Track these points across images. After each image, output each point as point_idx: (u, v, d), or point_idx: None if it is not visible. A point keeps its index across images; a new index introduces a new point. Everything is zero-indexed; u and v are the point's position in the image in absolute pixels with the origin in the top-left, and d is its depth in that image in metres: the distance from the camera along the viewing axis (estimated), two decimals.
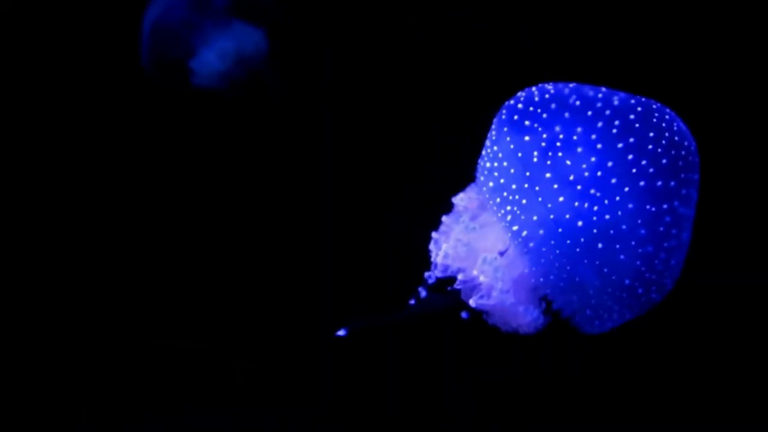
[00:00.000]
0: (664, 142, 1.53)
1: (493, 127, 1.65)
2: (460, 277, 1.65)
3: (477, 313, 1.69)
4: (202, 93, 2.51)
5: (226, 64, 2.47)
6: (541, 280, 1.59)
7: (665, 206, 1.52)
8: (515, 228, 1.57)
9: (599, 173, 1.51)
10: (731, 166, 2.22)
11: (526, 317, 1.65)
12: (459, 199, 1.76)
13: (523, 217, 1.55)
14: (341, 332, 1.88)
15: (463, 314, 1.73)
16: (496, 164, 1.61)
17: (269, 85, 2.51)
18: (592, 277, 1.58)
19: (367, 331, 1.89)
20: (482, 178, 1.65)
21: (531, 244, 1.57)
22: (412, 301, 1.84)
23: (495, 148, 1.61)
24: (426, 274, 1.73)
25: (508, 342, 1.74)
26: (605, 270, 1.56)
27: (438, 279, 1.72)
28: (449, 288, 1.70)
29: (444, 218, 1.75)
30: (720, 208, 2.12)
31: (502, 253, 1.65)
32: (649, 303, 1.66)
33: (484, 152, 1.67)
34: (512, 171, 1.56)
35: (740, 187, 2.25)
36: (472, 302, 1.64)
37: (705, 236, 1.76)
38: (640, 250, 1.54)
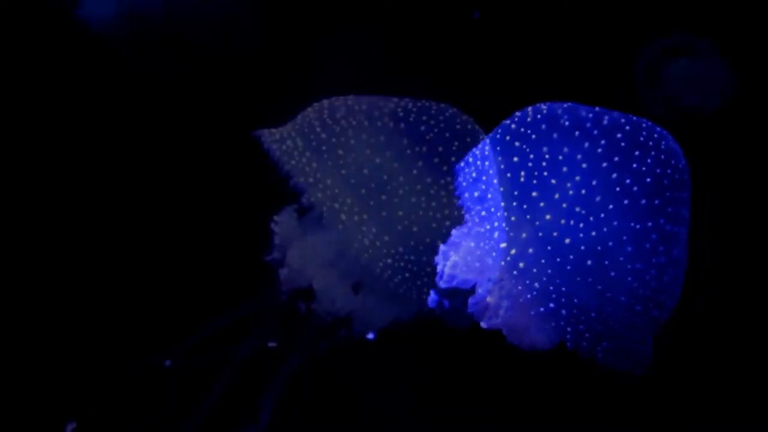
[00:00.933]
0: (649, 160, 1.55)
1: (487, 144, 1.69)
2: (470, 300, 1.65)
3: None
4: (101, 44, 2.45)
5: (111, 11, 2.42)
6: (541, 309, 1.58)
7: (650, 224, 1.54)
8: (503, 245, 1.58)
9: (583, 191, 1.55)
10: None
11: (539, 334, 1.63)
12: (470, 216, 1.75)
13: (512, 234, 1.58)
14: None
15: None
16: (484, 177, 1.64)
17: (168, 36, 2.48)
18: (588, 297, 1.58)
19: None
20: (474, 194, 1.68)
21: (521, 264, 1.57)
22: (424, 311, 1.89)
23: (486, 163, 1.65)
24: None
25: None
26: (599, 287, 1.58)
27: (443, 290, 1.73)
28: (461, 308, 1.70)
29: (453, 231, 1.75)
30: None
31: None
32: (653, 321, 1.65)
33: (473, 167, 1.70)
34: (501, 189, 1.59)
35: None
36: (483, 324, 1.64)
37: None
38: (629, 267, 1.56)
